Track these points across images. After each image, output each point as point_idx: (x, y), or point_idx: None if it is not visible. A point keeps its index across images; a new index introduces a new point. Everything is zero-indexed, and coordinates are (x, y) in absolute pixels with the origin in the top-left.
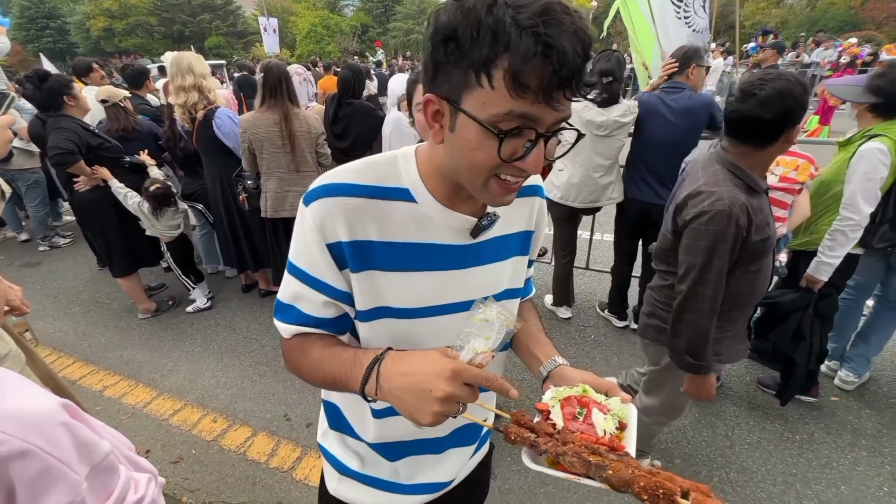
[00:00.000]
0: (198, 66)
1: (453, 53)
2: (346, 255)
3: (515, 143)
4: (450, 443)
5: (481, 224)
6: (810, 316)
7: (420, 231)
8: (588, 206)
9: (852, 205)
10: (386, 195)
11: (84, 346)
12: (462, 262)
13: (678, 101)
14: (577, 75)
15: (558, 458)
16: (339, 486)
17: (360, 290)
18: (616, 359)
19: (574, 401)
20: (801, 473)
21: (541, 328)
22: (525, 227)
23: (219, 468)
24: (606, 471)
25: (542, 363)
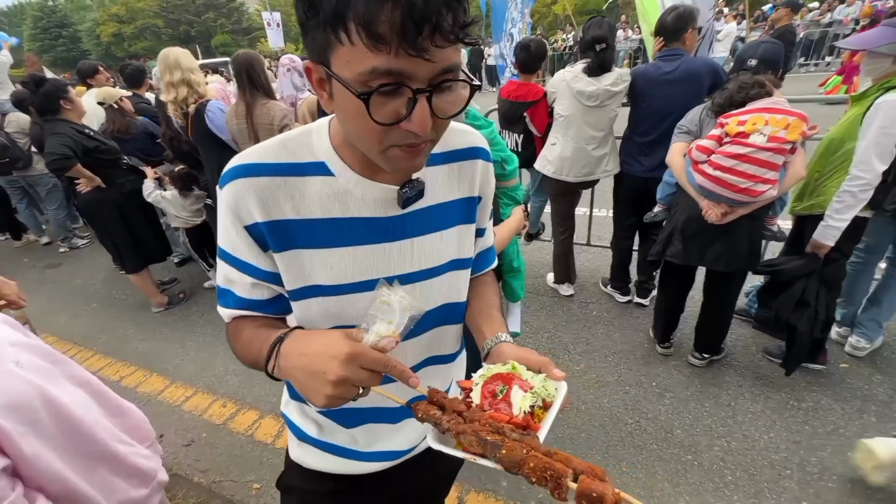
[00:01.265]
0: (185, 60)
1: (310, 10)
2: (265, 235)
3: (395, 104)
4: (405, 412)
5: (404, 193)
6: (816, 283)
7: (340, 206)
8: (582, 179)
9: (865, 162)
10: (300, 171)
11: (102, 339)
12: (393, 235)
13: (678, 68)
14: (441, 15)
15: (458, 437)
16: (298, 452)
17: (285, 269)
18: (618, 334)
19: (499, 378)
20: (805, 441)
21: (496, 304)
22: (467, 192)
23: (228, 449)
24: (500, 450)
25: (486, 339)
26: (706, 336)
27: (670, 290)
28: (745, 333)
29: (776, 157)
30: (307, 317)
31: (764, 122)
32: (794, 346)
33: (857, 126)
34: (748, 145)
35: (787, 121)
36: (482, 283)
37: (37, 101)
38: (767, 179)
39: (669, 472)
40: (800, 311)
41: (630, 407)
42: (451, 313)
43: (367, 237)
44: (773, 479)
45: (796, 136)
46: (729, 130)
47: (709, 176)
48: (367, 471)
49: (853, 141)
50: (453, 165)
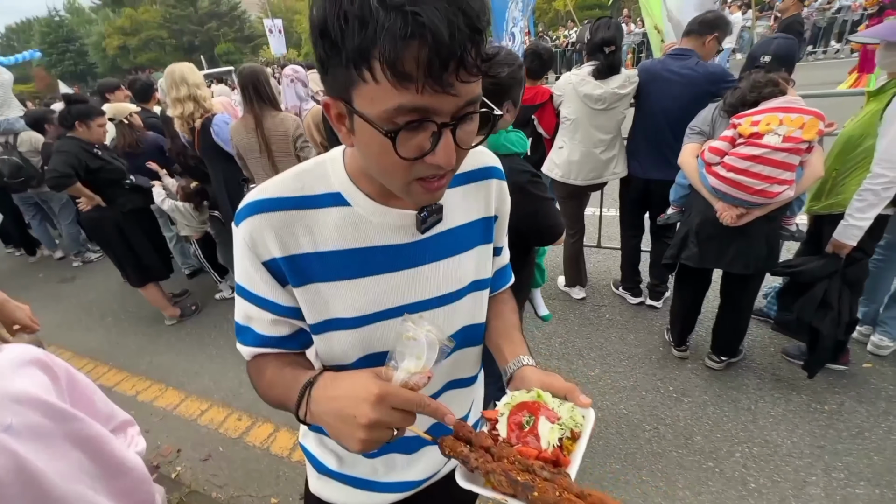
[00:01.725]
0: (191, 76)
1: (331, 49)
2: (283, 271)
3: (419, 138)
4: (422, 442)
5: (423, 217)
6: (838, 283)
7: (358, 235)
8: (591, 182)
9: (887, 160)
10: (316, 203)
11: (117, 354)
12: (413, 261)
13: (683, 68)
14: (465, 51)
15: (488, 476)
16: (318, 485)
17: (306, 304)
18: (632, 337)
19: (525, 408)
20: (829, 445)
21: (516, 324)
22: (484, 213)
23: (245, 464)
24: (532, 492)
25: (507, 362)
26: (723, 338)
27: (686, 293)
28: (762, 334)
29: (792, 157)
30: (330, 350)
31: (778, 121)
32: (817, 349)
33: (877, 122)
34: (762, 146)
35: (802, 120)
36: (501, 302)
37: (59, 115)
38: (784, 180)
39: (690, 480)
40: (822, 313)
41: (647, 413)
42: (471, 335)
43: (387, 265)
44: (798, 486)
45: (812, 136)
46: (742, 131)
47: (722, 178)
48: (387, 502)
49: (873, 138)
50: (469, 187)
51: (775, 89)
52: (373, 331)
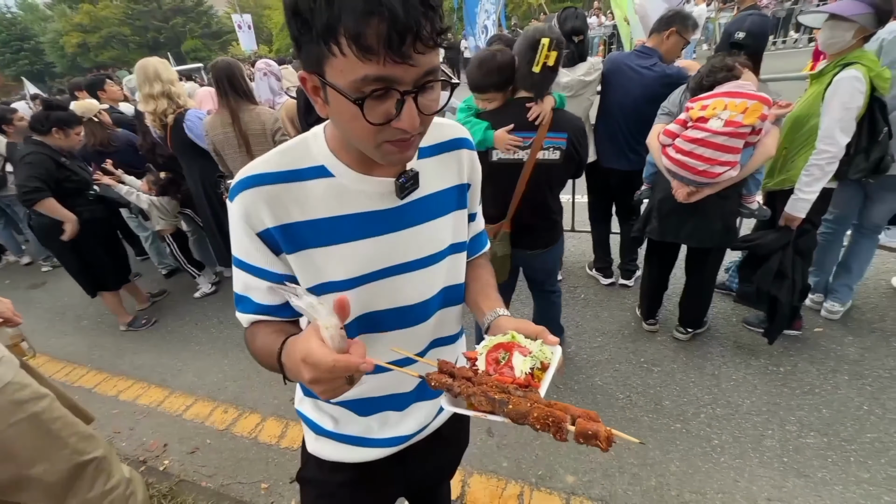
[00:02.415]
0: (165, 72)
1: (303, 27)
2: (277, 240)
3: (385, 105)
4: (413, 397)
5: (400, 183)
6: (791, 254)
7: (343, 203)
8: None
9: (829, 137)
10: (302, 176)
11: (96, 356)
12: (395, 225)
13: (642, 67)
14: (420, 25)
15: (469, 399)
16: (316, 445)
17: (299, 270)
18: (606, 314)
19: (500, 347)
20: (784, 402)
21: (492, 283)
22: (458, 180)
23: (233, 453)
24: (507, 406)
25: (485, 314)
26: (689, 311)
27: (654, 269)
28: (724, 307)
29: (732, 140)
30: None
31: (723, 106)
32: (776, 316)
33: (819, 103)
34: (706, 130)
35: (745, 105)
36: (477, 266)
37: (33, 118)
38: (725, 162)
39: (660, 441)
40: (779, 282)
41: (621, 383)
42: (452, 295)
43: (372, 230)
44: (756, 440)
45: (753, 120)
46: (692, 115)
47: (672, 159)
48: (382, 455)
49: (817, 117)
50: (442, 157)
51: (729, 74)
52: (364, 292)
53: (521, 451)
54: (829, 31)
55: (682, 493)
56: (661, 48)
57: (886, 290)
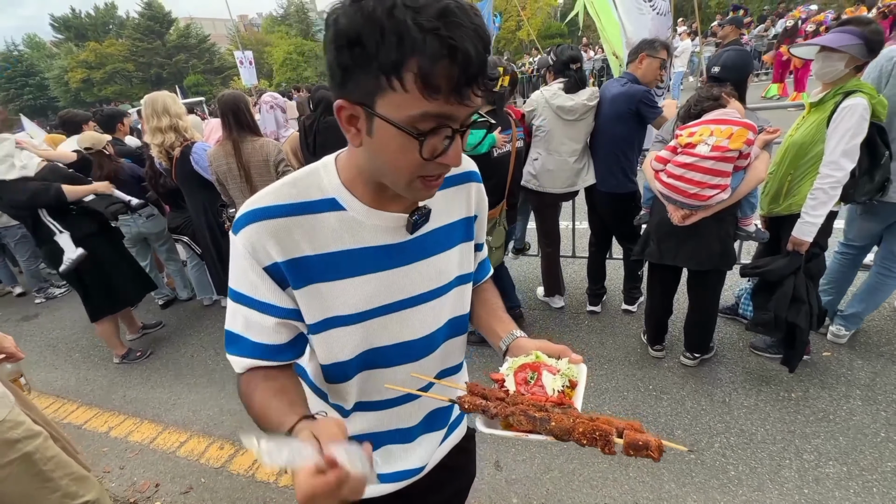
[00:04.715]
0: (173, 106)
1: (359, 58)
2: (284, 274)
3: (434, 141)
4: (420, 430)
5: (414, 220)
6: (804, 279)
7: (353, 237)
8: (565, 190)
9: (834, 162)
10: (312, 209)
11: (87, 390)
12: (403, 259)
13: (616, 89)
14: (482, 71)
15: (507, 419)
16: None
17: (305, 304)
18: (611, 341)
19: (527, 367)
20: (799, 430)
21: (501, 306)
22: (465, 213)
23: (229, 493)
24: (549, 423)
25: (501, 338)
26: (694, 335)
27: (656, 292)
28: (730, 331)
29: (721, 164)
30: (329, 349)
31: (710, 132)
32: (795, 343)
33: (823, 130)
34: (694, 155)
35: (730, 130)
36: (484, 290)
37: None
38: (714, 185)
39: (675, 473)
40: (797, 308)
41: (630, 411)
42: (457, 325)
43: (381, 264)
44: (774, 470)
45: (739, 145)
46: (681, 141)
47: (665, 183)
48: (385, 492)
49: (821, 144)
50: (452, 190)
51: (715, 103)
52: (369, 326)
53: (531, 487)
54: (822, 61)
55: None
56: (638, 73)
57: (890, 312)
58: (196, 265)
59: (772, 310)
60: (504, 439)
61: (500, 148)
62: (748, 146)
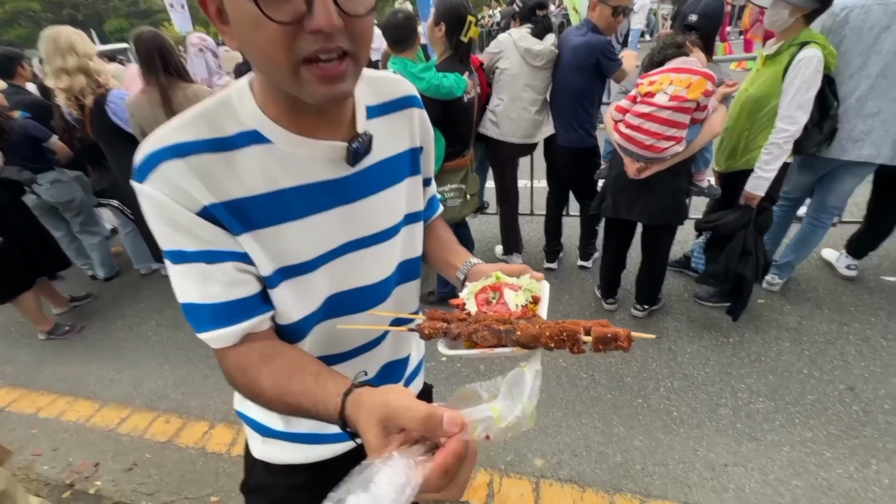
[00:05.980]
0: (81, 44)
1: None
2: (219, 219)
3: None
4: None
5: (353, 148)
6: (753, 232)
7: (287, 174)
8: (524, 141)
9: (789, 116)
10: (230, 145)
11: (9, 371)
12: (348, 196)
13: (577, 37)
14: None
15: (472, 337)
16: (263, 449)
17: (256, 254)
18: (567, 296)
19: (487, 289)
20: (735, 371)
21: (454, 240)
22: (410, 144)
23: (178, 466)
24: (515, 334)
25: (457, 268)
26: (645, 288)
27: (611, 247)
28: (677, 283)
29: (678, 115)
30: (289, 302)
31: (669, 81)
32: (742, 294)
33: (779, 83)
34: (652, 104)
35: (689, 80)
36: (435, 227)
37: None
38: (670, 137)
39: (624, 417)
40: (745, 260)
41: (584, 363)
42: (409, 270)
43: (325, 202)
44: (712, 409)
45: (697, 95)
46: (640, 90)
47: (622, 134)
48: (341, 452)
49: (777, 98)
50: (392, 116)
51: (678, 51)
52: (328, 272)
53: None
54: (771, 9)
55: (646, 467)
56: (595, 21)
57: (817, 261)
58: (130, 232)
59: (723, 262)
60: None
61: (469, 93)
62: (706, 97)
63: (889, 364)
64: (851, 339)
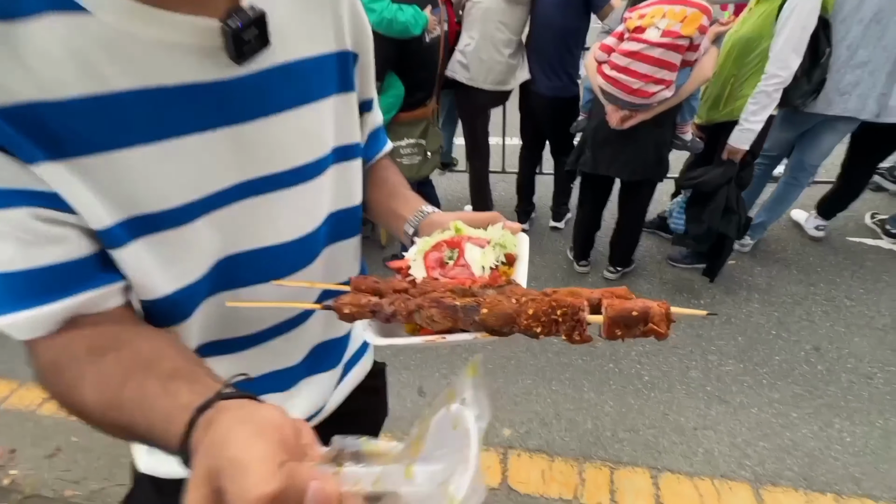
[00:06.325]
0: None
1: None
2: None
3: None
4: (303, 371)
5: (233, 30)
6: (735, 189)
7: (127, 68)
8: (497, 88)
9: (782, 60)
10: (9, 12)
11: None
12: (238, 111)
13: None
14: None
15: (412, 317)
16: (151, 461)
17: (75, 195)
18: (538, 258)
19: (443, 246)
20: (705, 333)
21: (404, 184)
22: (336, 45)
23: (108, 450)
24: (479, 312)
25: (406, 220)
26: (619, 250)
27: (587, 205)
28: (650, 245)
29: (669, 54)
30: (144, 277)
31: (662, 14)
32: (723, 253)
33: (771, 23)
34: (642, 41)
35: (684, 13)
36: (380, 169)
37: None
38: (660, 80)
39: (594, 383)
40: (728, 218)
41: None
42: (344, 224)
43: (197, 119)
44: (682, 372)
45: (692, 31)
46: (629, 25)
47: (607, 77)
48: None
49: (768, 39)
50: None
51: None
52: (211, 226)
53: None
54: None
55: (616, 433)
56: None
57: (786, 223)
58: None
59: (706, 221)
60: (417, 353)
61: (432, 32)
62: (700, 34)
63: (852, 323)
64: (818, 299)
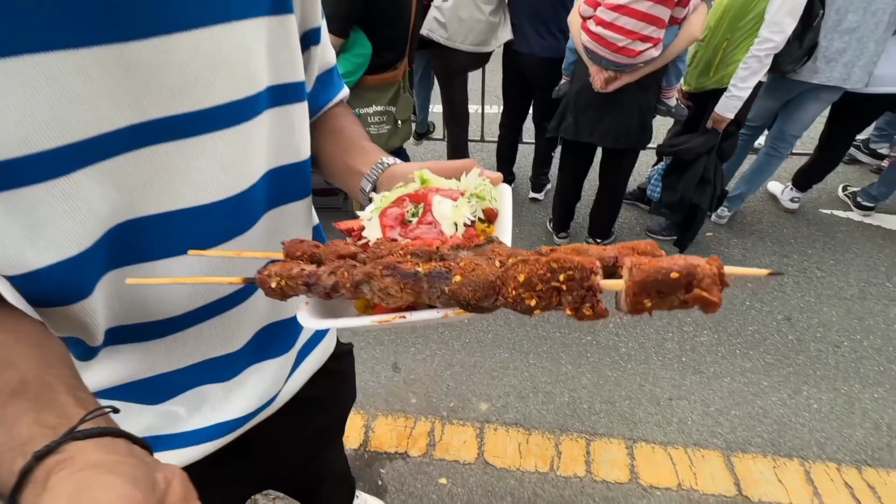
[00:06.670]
0: None
1: None
2: None
3: None
4: (248, 358)
5: None
6: (714, 159)
7: None
8: (477, 49)
9: (777, 23)
10: None
11: None
12: (122, 24)
13: None
14: None
15: (360, 290)
16: None
17: None
18: (517, 229)
19: (405, 200)
20: None
21: (363, 135)
22: None
23: None
24: (450, 279)
25: (363, 174)
26: (599, 221)
27: (567, 174)
28: (629, 216)
29: (657, 8)
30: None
31: None
32: (694, 223)
33: None
34: None
35: None
36: (333, 117)
37: None
38: (647, 37)
39: (572, 356)
40: (702, 189)
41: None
42: (289, 183)
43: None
44: (658, 343)
45: None
46: None
47: (591, 33)
48: (199, 456)
49: (765, 1)
50: None
51: None
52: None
53: (431, 385)
54: None
55: (593, 405)
56: None
57: (761, 193)
58: None
59: (680, 190)
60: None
61: None
62: None
63: (822, 294)
64: (790, 270)
